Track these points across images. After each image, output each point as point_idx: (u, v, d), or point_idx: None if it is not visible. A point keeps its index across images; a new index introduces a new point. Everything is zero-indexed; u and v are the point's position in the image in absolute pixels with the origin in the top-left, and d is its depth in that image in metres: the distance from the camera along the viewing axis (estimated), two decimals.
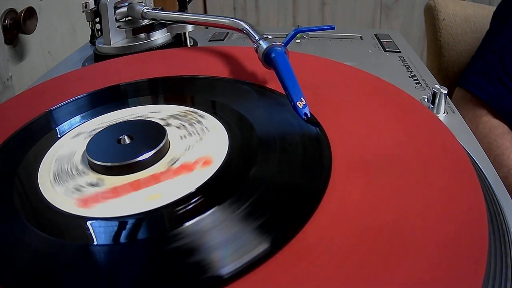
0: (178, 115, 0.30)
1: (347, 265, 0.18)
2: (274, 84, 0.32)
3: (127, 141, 0.26)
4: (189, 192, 0.22)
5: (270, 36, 0.34)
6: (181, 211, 0.21)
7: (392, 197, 0.21)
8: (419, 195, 0.21)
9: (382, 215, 0.20)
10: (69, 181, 0.24)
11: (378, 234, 0.19)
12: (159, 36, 0.48)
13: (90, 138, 0.27)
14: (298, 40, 0.55)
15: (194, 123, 0.29)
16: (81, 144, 0.27)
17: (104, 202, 0.22)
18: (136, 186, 0.23)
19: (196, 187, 0.23)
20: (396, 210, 0.20)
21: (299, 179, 0.23)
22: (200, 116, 0.30)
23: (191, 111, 0.30)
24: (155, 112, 0.31)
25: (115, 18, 0.48)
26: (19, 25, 0.56)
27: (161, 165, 0.25)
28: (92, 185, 0.24)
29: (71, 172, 0.25)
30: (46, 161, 0.27)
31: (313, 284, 0.17)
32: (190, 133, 0.28)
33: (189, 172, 0.24)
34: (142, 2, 0.49)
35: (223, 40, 0.57)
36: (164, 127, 0.27)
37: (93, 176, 0.25)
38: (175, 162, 0.25)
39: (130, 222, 0.21)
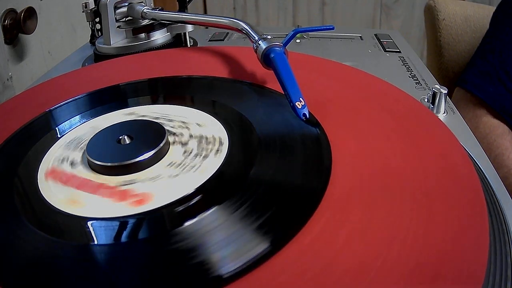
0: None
1: (347, 265, 0.18)
2: (274, 84, 0.32)
3: (127, 141, 0.26)
4: (189, 192, 0.22)
5: (269, 36, 0.34)
6: (181, 211, 0.21)
7: (392, 196, 0.21)
8: (419, 194, 0.21)
9: (382, 215, 0.20)
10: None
11: (378, 234, 0.19)
12: (159, 36, 0.48)
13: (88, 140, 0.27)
14: (298, 40, 0.55)
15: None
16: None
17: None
18: None
19: (196, 187, 0.23)
20: (395, 210, 0.20)
21: (299, 179, 0.23)
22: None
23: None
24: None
25: (115, 18, 0.48)
26: (19, 25, 0.56)
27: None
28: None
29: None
30: (46, 161, 0.27)
31: (313, 284, 0.17)
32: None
33: None
34: (142, 2, 0.49)
35: (223, 40, 0.57)
36: (164, 127, 0.27)
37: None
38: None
39: (131, 222, 0.21)
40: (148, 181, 0.24)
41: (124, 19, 0.50)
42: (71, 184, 0.24)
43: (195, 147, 0.26)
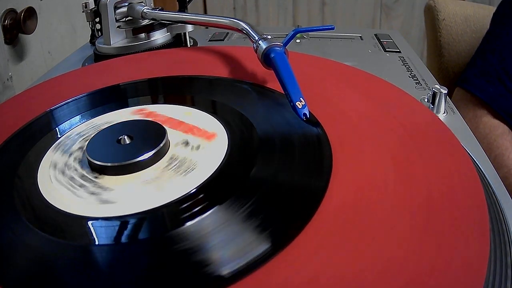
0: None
1: (348, 265, 0.18)
2: (274, 84, 0.32)
3: (127, 141, 0.26)
4: (189, 192, 0.22)
5: (269, 36, 0.34)
6: (181, 211, 0.21)
7: (392, 196, 0.21)
8: (419, 194, 0.21)
9: (383, 214, 0.20)
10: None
11: (379, 234, 0.19)
12: (159, 36, 0.48)
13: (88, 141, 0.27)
14: (298, 40, 0.55)
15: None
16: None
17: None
18: (176, 125, 0.28)
19: (196, 186, 0.23)
20: (396, 210, 0.20)
21: (300, 179, 0.23)
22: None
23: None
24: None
25: (115, 18, 0.48)
26: (19, 25, 0.56)
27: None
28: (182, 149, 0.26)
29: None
30: (46, 161, 0.27)
31: (314, 284, 0.17)
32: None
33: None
34: (142, 2, 0.49)
35: (223, 40, 0.57)
36: (164, 127, 0.27)
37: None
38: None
39: (131, 222, 0.21)
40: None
41: (124, 19, 0.50)
42: None
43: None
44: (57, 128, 0.30)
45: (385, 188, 0.22)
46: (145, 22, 0.49)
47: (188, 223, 0.20)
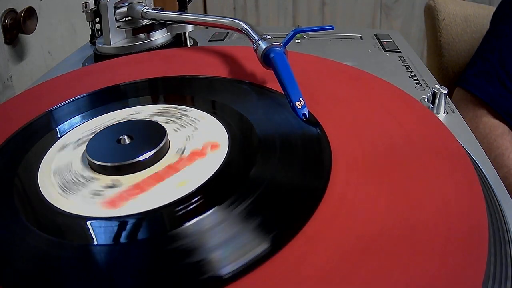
0: (160, 112, 0.31)
1: (347, 265, 0.18)
2: (274, 84, 0.32)
3: (127, 141, 0.26)
4: (189, 192, 0.22)
5: (269, 36, 0.34)
6: (181, 211, 0.21)
7: (392, 197, 0.21)
8: (419, 195, 0.21)
9: (382, 215, 0.20)
10: (81, 189, 0.24)
11: (378, 234, 0.19)
12: (159, 36, 0.48)
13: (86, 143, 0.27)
14: (298, 40, 0.55)
15: (180, 117, 0.30)
16: (74, 154, 0.27)
17: (133, 199, 0.23)
18: (157, 178, 0.24)
19: (196, 187, 0.23)
20: (396, 210, 0.20)
21: (299, 179, 0.23)
22: (182, 110, 0.31)
23: (171, 107, 0.31)
24: (134, 114, 0.31)
25: (115, 18, 0.48)
26: (19, 25, 0.56)
27: (171, 155, 0.26)
28: (110, 187, 0.24)
29: (78, 180, 0.25)
30: (46, 161, 0.27)
31: (313, 284, 0.17)
32: (182, 125, 0.29)
33: (203, 157, 0.25)
34: (142, 2, 0.49)
35: (223, 40, 0.57)
36: (164, 126, 0.27)
37: (106, 179, 0.24)
38: (183, 151, 0.26)
39: (130, 222, 0.21)
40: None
41: (124, 19, 0.50)
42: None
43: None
44: (57, 128, 0.30)
45: (384, 189, 0.22)
46: (145, 22, 0.49)
47: (188, 223, 0.20)
